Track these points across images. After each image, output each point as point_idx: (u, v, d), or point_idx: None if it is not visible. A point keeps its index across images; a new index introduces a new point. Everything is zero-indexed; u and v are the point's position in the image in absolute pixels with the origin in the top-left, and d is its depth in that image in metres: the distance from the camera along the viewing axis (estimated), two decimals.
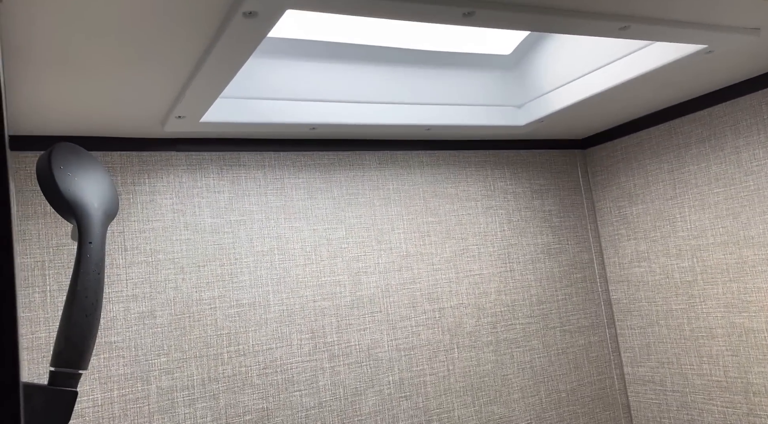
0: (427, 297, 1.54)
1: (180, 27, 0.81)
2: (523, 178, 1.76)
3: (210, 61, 0.90)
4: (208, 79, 0.98)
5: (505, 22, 0.86)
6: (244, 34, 0.82)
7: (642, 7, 0.88)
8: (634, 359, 1.74)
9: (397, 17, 0.81)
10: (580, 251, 1.81)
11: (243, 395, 1.29)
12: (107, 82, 0.98)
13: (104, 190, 0.85)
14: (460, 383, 1.54)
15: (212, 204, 1.34)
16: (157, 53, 0.89)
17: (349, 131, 1.42)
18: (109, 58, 0.88)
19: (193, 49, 0.88)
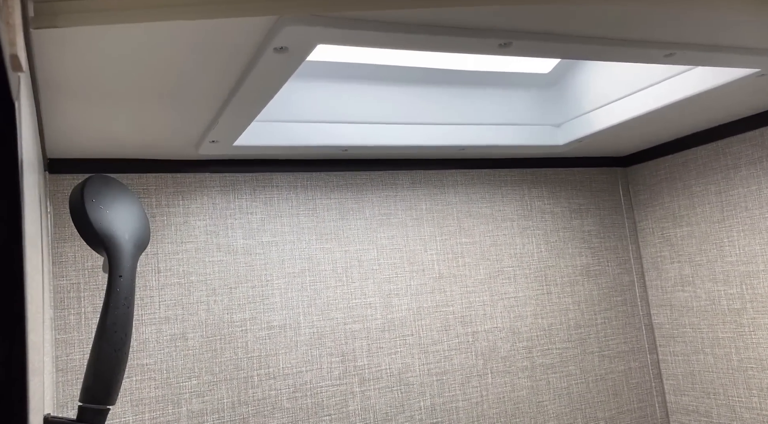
0: (460, 320, 1.51)
1: (212, 61, 0.81)
2: (561, 197, 1.71)
3: (241, 93, 0.90)
4: (240, 109, 0.97)
5: (543, 51, 0.82)
6: (274, 69, 0.81)
7: (689, 34, 0.83)
8: (678, 388, 1.67)
9: (431, 49, 0.79)
10: (621, 273, 1.74)
11: (272, 420, 1.28)
12: (142, 112, 0.98)
13: (136, 222, 0.85)
14: (494, 409, 1.50)
15: (245, 225, 1.34)
16: (190, 86, 0.89)
17: (382, 151, 1.40)
18: (143, 90, 0.89)
19: (226, 82, 0.88)
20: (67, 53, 0.74)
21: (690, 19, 0.78)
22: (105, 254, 0.81)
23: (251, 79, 0.85)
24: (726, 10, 0.76)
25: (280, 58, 0.79)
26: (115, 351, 0.77)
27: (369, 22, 0.72)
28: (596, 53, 0.86)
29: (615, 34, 0.81)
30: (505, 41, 0.78)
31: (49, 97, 0.89)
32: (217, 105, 0.99)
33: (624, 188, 1.80)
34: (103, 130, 1.06)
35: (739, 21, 0.80)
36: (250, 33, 0.73)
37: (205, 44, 0.75)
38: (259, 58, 0.78)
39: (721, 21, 0.79)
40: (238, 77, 0.88)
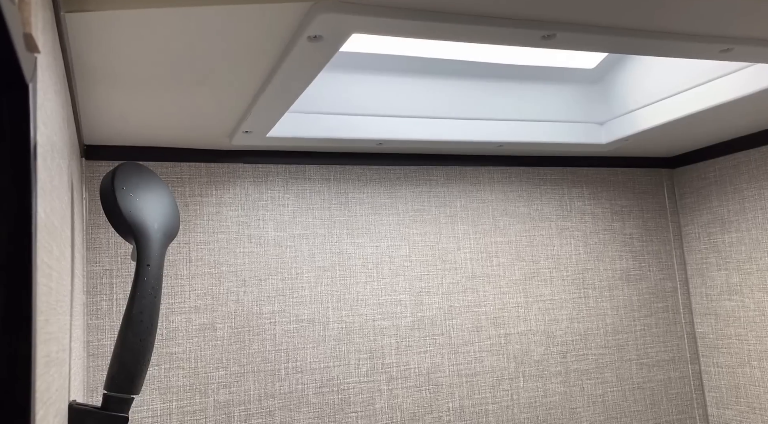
0: (492, 322, 1.47)
1: (246, 50, 0.79)
2: (602, 197, 1.64)
3: (275, 82, 0.88)
4: (274, 98, 0.96)
5: (589, 44, 0.78)
6: (308, 57, 0.79)
7: (747, 28, 0.78)
8: (721, 401, 1.59)
9: (469, 40, 0.75)
10: (663, 278, 1.67)
11: (298, 414, 1.27)
12: (177, 100, 0.98)
13: (165, 212, 0.85)
14: (525, 414, 1.46)
15: (276, 217, 1.33)
16: (225, 74, 0.87)
17: (417, 146, 1.37)
18: (177, 77, 0.88)
19: (260, 70, 0.86)
20: (102, 38, 0.74)
21: (748, 12, 0.72)
22: (134, 243, 0.81)
23: (285, 68, 0.83)
24: None
25: (314, 47, 0.77)
26: (140, 340, 0.76)
27: (405, 11, 0.70)
28: (645, 48, 0.81)
29: (666, 27, 0.76)
30: (549, 33, 0.74)
31: (85, 83, 0.89)
32: (251, 94, 0.97)
33: (669, 191, 1.72)
34: (139, 117, 1.06)
35: None
36: (284, 20, 0.71)
37: (239, 31, 0.74)
38: (293, 46, 0.76)
39: None
40: (272, 66, 0.86)
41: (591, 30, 0.74)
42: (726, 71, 1.13)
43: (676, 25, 0.76)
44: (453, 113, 1.32)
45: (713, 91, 1.15)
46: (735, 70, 1.11)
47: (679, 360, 1.64)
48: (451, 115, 1.32)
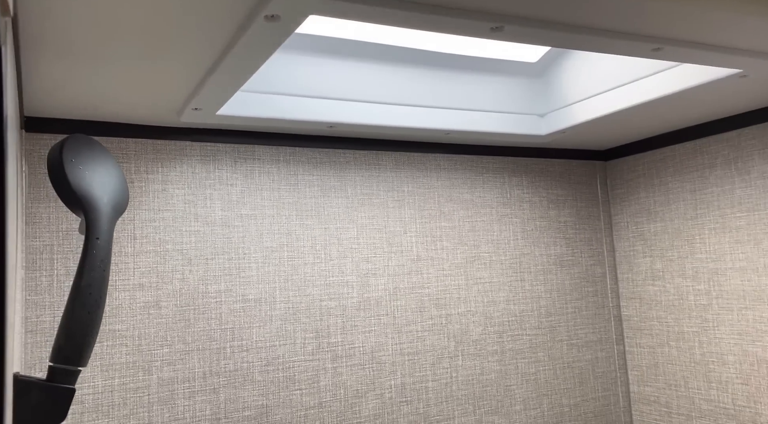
0: (435, 302, 1.52)
1: (201, 25, 0.80)
2: (540, 187, 1.73)
3: (229, 60, 0.89)
4: (226, 76, 0.96)
5: (534, 38, 0.83)
6: (264, 37, 0.80)
7: (677, 30, 0.85)
8: (641, 378, 1.72)
9: (423, 28, 0.79)
10: (594, 264, 1.78)
11: (243, 391, 1.29)
12: (126, 72, 0.96)
13: (115, 185, 0.84)
14: (463, 391, 1.53)
15: (224, 197, 1.33)
16: (177, 48, 0.87)
17: (367, 131, 1.40)
18: (129, 49, 0.87)
19: (213, 46, 0.87)
20: (50, 4, 0.72)
21: (679, 15, 0.79)
22: (82, 216, 0.80)
23: (240, 46, 0.84)
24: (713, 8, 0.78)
25: (271, 27, 0.78)
26: (89, 313, 0.76)
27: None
28: (586, 43, 0.86)
29: (605, 25, 0.82)
30: (497, 25, 0.79)
31: (29, 52, 0.86)
32: (203, 71, 0.97)
33: (602, 182, 1.83)
34: (84, 89, 1.04)
35: (725, 20, 0.81)
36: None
37: (195, 6, 0.74)
38: (250, 24, 0.77)
39: (709, 19, 0.80)
40: (226, 44, 0.86)
41: (535, 24, 0.79)
42: (655, 71, 1.22)
43: (613, 23, 0.82)
44: (403, 100, 1.35)
45: (644, 89, 1.24)
46: (663, 69, 1.20)
47: (605, 341, 1.75)
48: (402, 101, 1.35)
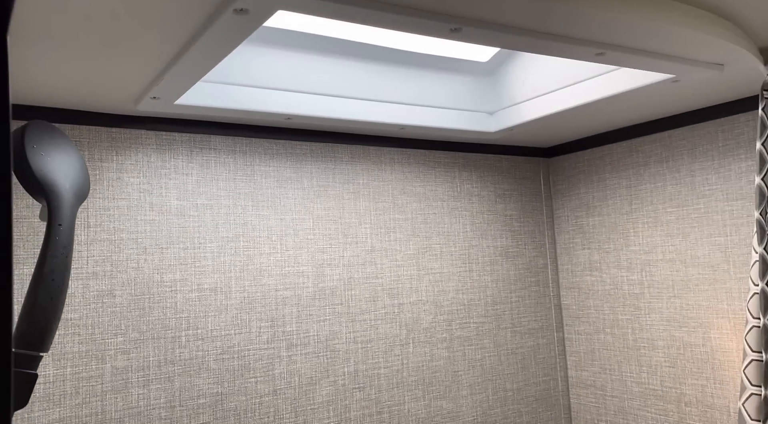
0: (388, 292, 1.57)
1: (170, 15, 0.80)
2: (488, 181, 1.80)
3: (193, 50, 0.90)
4: (189, 66, 0.97)
5: (489, 40, 0.88)
6: (232, 29, 0.82)
7: (619, 36, 0.92)
8: (579, 364, 1.82)
9: (387, 27, 0.82)
10: (536, 256, 1.87)
11: (198, 379, 1.29)
12: (85, 60, 0.96)
13: (76, 172, 0.84)
14: (413, 377, 1.58)
15: (179, 186, 1.33)
16: (143, 37, 0.88)
17: (324, 123, 1.43)
18: (91, 37, 0.87)
19: (179, 37, 0.88)
20: None
21: (621, 23, 0.86)
22: (44, 202, 0.80)
23: (206, 37, 0.85)
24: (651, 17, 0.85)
25: (239, 20, 0.80)
26: (51, 299, 0.76)
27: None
28: (537, 46, 0.92)
29: (555, 30, 0.88)
30: (456, 26, 0.83)
31: None
32: (166, 60, 0.98)
33: (545, 178, 1.92)
34: (42, 75, 1.02)
35: (662, 29, 0.89)
36: None
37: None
38: (219, 17, 0.79)
39: (647, 27, 0.88)
40: (192, 34, 0.87)
41: (491, 27, 0.84)
42: (596, 74, 1.30)
43: (561, 28, 0.88)
44: (360, 94, 1.39)
45: (586, 90, 1.32)
46: (604, 72, 1.28)
47: (546, 329, 1.85)
48: (358, 96, 1.39)
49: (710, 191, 1.47)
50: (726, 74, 1.12)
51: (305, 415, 1.41)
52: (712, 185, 1.46)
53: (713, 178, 1.46)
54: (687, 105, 1.43)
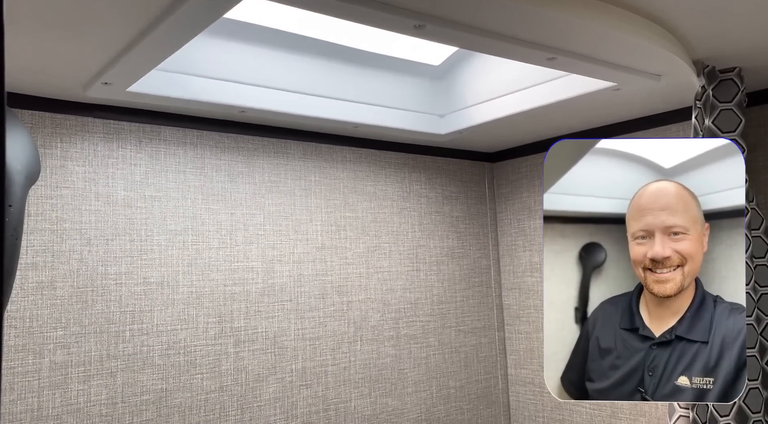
0: (337, 290, 1.58)
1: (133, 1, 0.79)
2: (436, 183, 1.84)
3: (153, 36, 0.88)
4: (147, 52, 0.95)
5: (452, 39, 0.91)
6: (194, 17, 0.82)
7: (569, 42, 0.98)
8: (518, 362, 1.89)
9: (352, 19, 0.84)
10: (480, 257, 1.92)
11: (142, 375, 1.26)
12: (35, 41, 0.92)
13: (27, 154, 0.81)
14: (360, 374, 1.59)
15: (127, 176, 1.29)
16: (100, 21, 0.85)
17: (277, 118, 1.42)
18: (44, 17, 0.84)
19: (139, 21, 0.86)
20: None
21: (574, 27, 0.91)
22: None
23: (168, 23, 0.84)
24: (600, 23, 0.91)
25: (203, 6, 0.79)
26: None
27: None
28: (494, 48, 0.97)
29: (512, 32, 0.93)
30: (420, 23, 0.86)
31: None
32: (122, 45, 0.96)
33: (489, 181, 1.99)
34: None
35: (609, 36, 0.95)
36: None
37: None
38: (183, 3, 0.79)
39: (596, 34, 0.94)
40: (153, 19, 0.86)
41: (455, 26, 0.87)
42: (542, 81, 1.37)
43: (518, 31, 0.93)
44: (315, 90, 1.40)
45: (534, 95, 1.38)
46: (549, 80, 1.35)
47: (488, 328, 1.91)
48: (313, 92, 1.40)
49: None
50: (662, 84, 1.21)
51: (251, 412, 1.39)
52: None
53: None
54: (625, 114, 1.52)
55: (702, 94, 1.12)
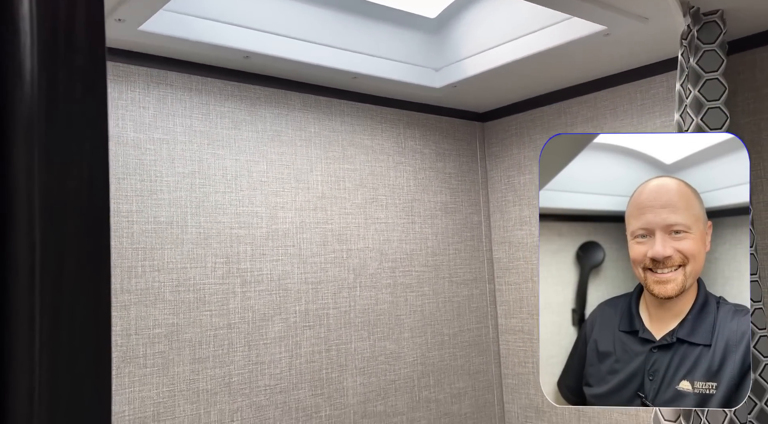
0: (337, 238, 1.63)
1: None
2: (430, 140, 1.91)
3: None
4: None
5: None
6: None
7: None
8: (508, 312, 1.97)
9: None
10: (472, 212, 2.00)
11: (154, 309, 1.30)
12: None
13: None
14: (359, 318, 1.65)
15: (136, 118, 1.33)
16: None
17: (279, 66, 1.47)
18: None
19: None
20: None
21: None
22: None
23: None
24: None
25: None
26: None
27: None
28: None
29: None
30: None
31: None
32: None
33: (480, 140, 2.06)
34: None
35: None
36: None
37: None
38: None
39: None
40: None
41: None
42: (537, 28, 1.43)
43: None
44: (316, 38, 1.44)
45: (525, 44, 1.45)
46: (544, 26, 1.41)
47: (479, 280, 1.98)
48: (315, 40, 1.44)
49: None
50: (649, 30, 1.28)
51: (258, 349, 1.44)
52: None
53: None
54: (614, 65, 1.60)
55: (688, 34, 1.20)
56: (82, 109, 0.36)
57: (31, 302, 0.31)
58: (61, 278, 0.33)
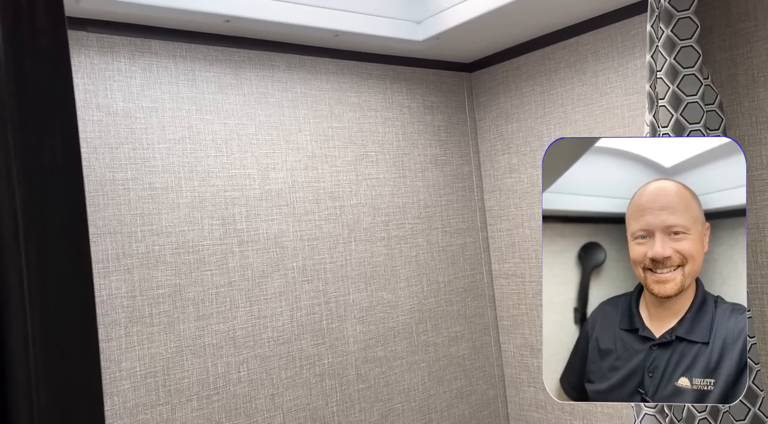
0: (329, 195, 1.68)
1: None
2: (417, 94, 1.93)
3: None
4: None
5: None
6: None
7: None
8: (501, 257, 2.03)
9: None
10: (462, 163, 2.03)
11: (156, 271, 1.36)
12: None
13: None
14: (356, 271, 1.72)
15: (124, 88, 1.36)
16: None
17: (260, 28, 1.48)
18: None
19: None
20: None
21: None
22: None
23: None
24: None
25: None
26: None
27: None
28: None
29: None
30: None
31: None
32: None
33: (468, 91, 2.07)
34: None
35: None
36: None
37: None
38: None
39: None
40: None
41: None
42: None
43: None
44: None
45: None
46: None
47: (472, 229, 2.04)
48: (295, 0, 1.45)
49: (611, 89, 1.67)
50: None
51: (259, 304, 1.52)
52: (613, 83, 1.66)
53: (614, 77, 1.66)
54: (591, 11, 1.60)
55: None
56: (49, 87, 0.40)
57: (18, 261, 0.36)
58: (44, 238, 0.38)
